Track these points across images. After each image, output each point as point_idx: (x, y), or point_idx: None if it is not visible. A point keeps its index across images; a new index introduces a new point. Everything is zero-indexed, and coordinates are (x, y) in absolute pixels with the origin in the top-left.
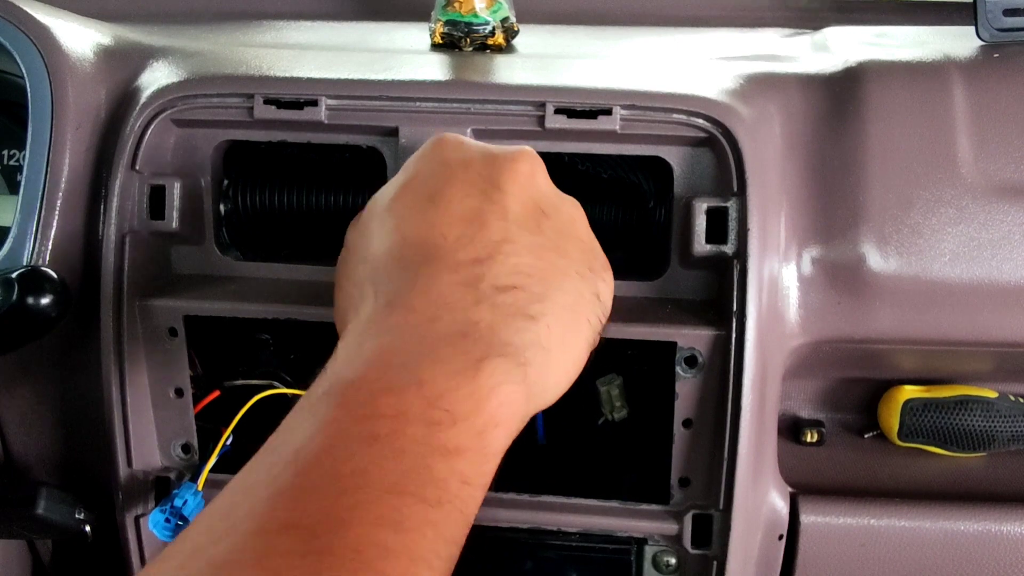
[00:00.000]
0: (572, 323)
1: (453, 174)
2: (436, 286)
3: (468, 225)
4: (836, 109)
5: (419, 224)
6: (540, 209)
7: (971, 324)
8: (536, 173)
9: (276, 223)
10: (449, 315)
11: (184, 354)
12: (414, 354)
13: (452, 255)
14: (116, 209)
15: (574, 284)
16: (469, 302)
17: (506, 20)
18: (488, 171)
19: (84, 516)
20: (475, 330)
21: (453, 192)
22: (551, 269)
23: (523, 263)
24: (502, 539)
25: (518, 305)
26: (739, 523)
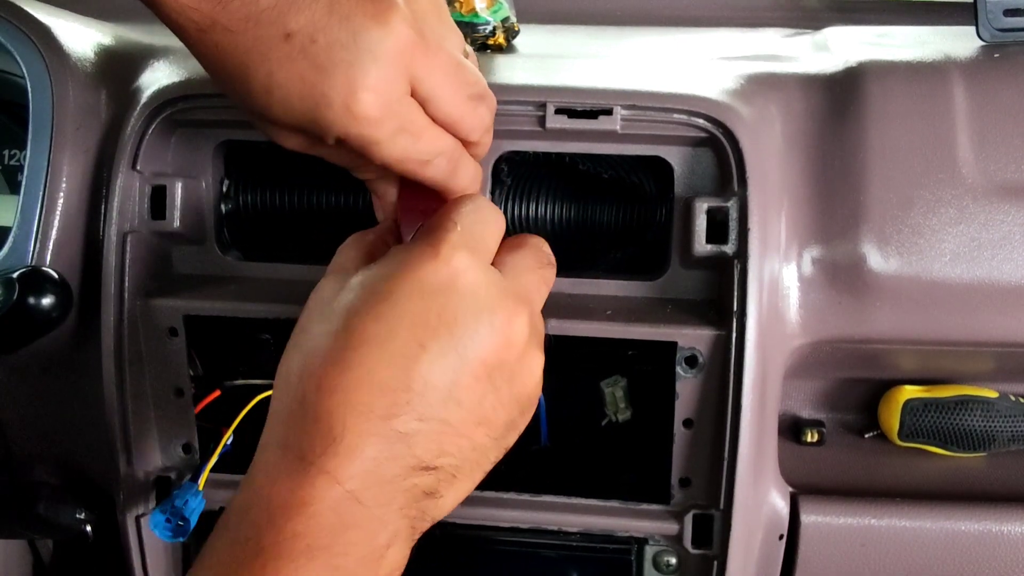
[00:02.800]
0: (470, 483)
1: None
2: (361, 455)
3: (410, 393)
4: (836, 109)
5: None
6: (492, 385)
7: (971, 324)
8: (516, 342)
9: (276, 223)
10: (367, 493)
11: (184, 354)
12: (332, 535)
13: (383, 421)
14: (117, 209)
15: (487, 453)
16: (387, 478)
17: (506, 20)
18: (463, 330)
19: (84, 516)
20: (388, 511)
21: (410, 340)
22: (471, 447)
23: (449, 443)
24: (502, 539)
25: (430, 486)
26: (739, 523)
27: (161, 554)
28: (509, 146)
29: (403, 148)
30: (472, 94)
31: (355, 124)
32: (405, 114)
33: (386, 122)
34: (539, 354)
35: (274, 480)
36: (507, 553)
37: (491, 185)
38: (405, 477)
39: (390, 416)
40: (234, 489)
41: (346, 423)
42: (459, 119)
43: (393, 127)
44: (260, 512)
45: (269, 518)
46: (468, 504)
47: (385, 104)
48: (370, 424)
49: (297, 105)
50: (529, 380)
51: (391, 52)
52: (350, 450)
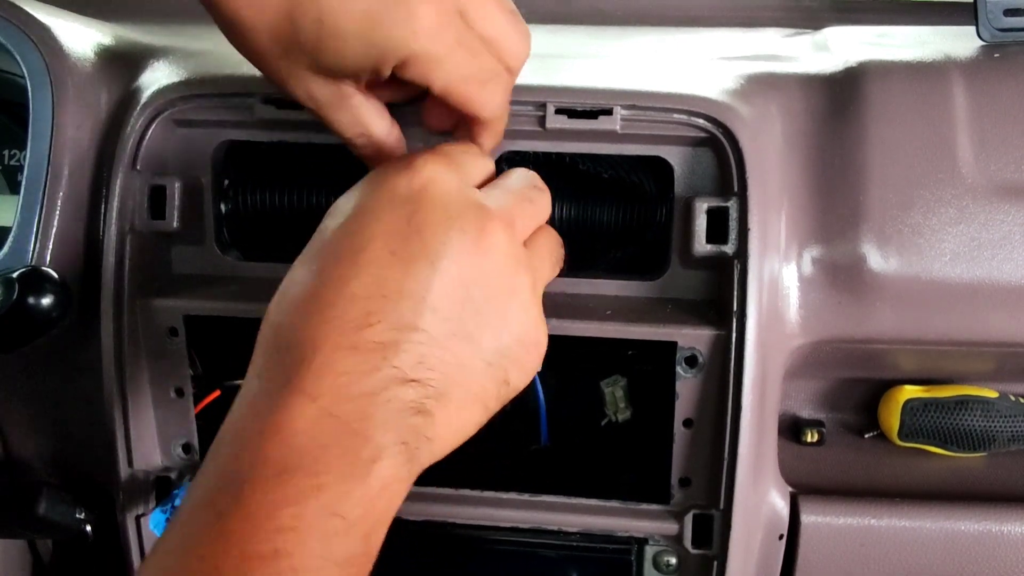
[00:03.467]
0: (465, 416)
1: (392, 226)
2: (333, 369)
3: (382, 300)
4: (836, 109)
5: (334, 279)
6: (469, 295)
7: (971, 324)
8: (492, 253)
9: (276, 223)
10: (343, 407)
11: (184, 354)
12: (310, 454)
13: (356, 332)
14: (117, 209)
15: (478, 377)
16: (365, 392)
17: None
18: (432, 237)
19: (84, 516)
20: (368, 426)
21: (380, 251)
22: (455, 363)
23: (429, 355)
24: (502, 539)
25: (414, 400)
26: (739, 523)
27: None
28: (509, 146)
29: (464, 64)
30: (510, 9)
31: (416, 39)
32: (461, 28)
33: (445, 34)
34: (527, 278)
35: (249, 408)
36: (507, 553)
37: None
38: (384, 389)
39: (363, 326)
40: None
41: (317, 340)
42: (504, 34)
43: (452, 40)
44: (236, 441)
45: (244, 445)
46: (468, 504)
47: (444, 16)
48: (343, 337)
49: (352, 30)
50: (513, 298)
51: None
52: (322, 366)
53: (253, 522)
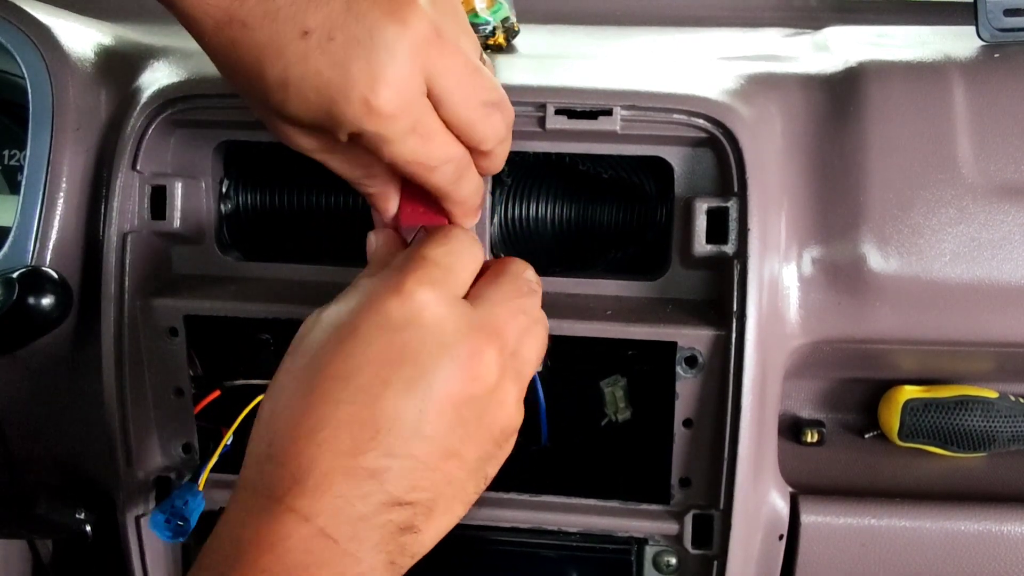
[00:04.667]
0: (450, 517)
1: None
2: (328, 492)
3: (373, 428)
4: (836, 109)
5: (326, 402)
6: (460, 418)
7: (971, 324)
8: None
9: (276, 223)
10: (337, 529)
11: (184, 354)
12: (303, 570)
13: (352, 458)
14: (117, 209)
15: (462, 486)
16: (358, 515)
17: (506, 20)
18: (427, 365)
19: (84, 516)
20: (359, 547)
21: (375, 377)
22: (444, 480)
23: (420, 478)
24: (502, 539)
25: (405, 521)
26: (739, 523)
27: (161, 554)
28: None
29: (412, 150)
30: (487, 100)
31: (370, 119)
32: (419, 114)
33: (400, 119)
34: (513, 387)
35: (244, 519)
36: (507, 553)
37: (491, 185)
38: (378, 513)
39: (357, 453)
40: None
41: (312, 462)
42: (471, 124)
43: (406, 126)
44: (231, 550)
45: (239, 556)
46: None
47: (401, 101)
48: (337, 461)
49: (313, 100)
50: (500, 414)
51: (408, 49)
52: (317, 487)
53: None
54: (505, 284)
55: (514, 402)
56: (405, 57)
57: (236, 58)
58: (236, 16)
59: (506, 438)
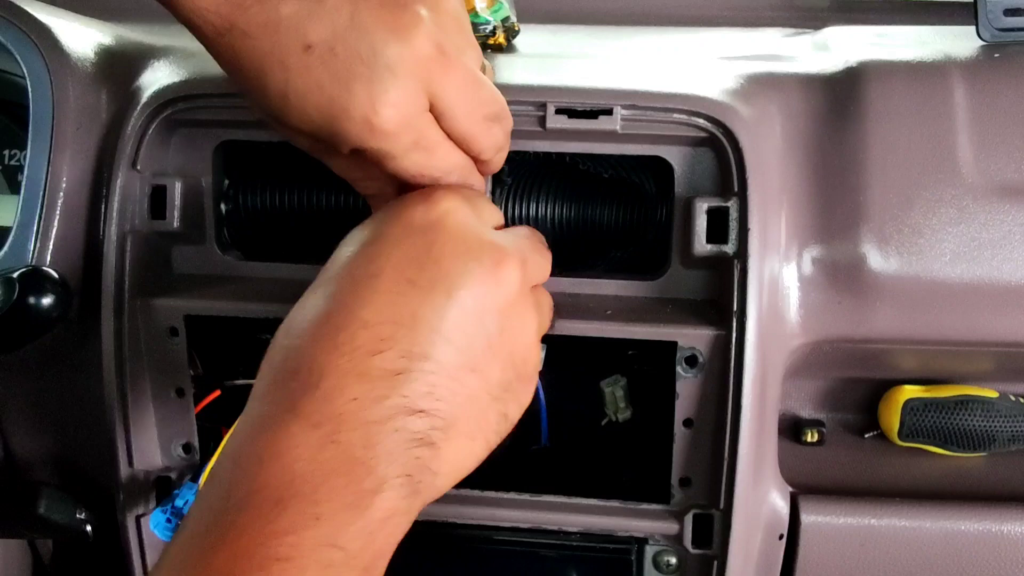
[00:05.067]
0: (468, 448)
1: (408, 254)
2: (340, 395)
3: (395, 327)
4: (837, 109)
5: (347, 305)
6: (482, 327)
7: (971, 324)
8: (505, 287)
9: (277, 223)
10: (348, 435)
11: (185, 354)
12: (311, 482)
13: (367, 358)
14: (117, 209)
15: (483, 410)
16: (372, 420)
17: (507, 20)
18: (449, 267)
19: (85, 516)
20: (372, 455)
21: (397, 278)
22: (464, 395)
23: (439, 385)
24: (502, 539)
25: (421, 431)
26: (739, 523)
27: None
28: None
29: (416, 163)
30: (488, 113)
31: (372, 138)
32: (421, 129)
33: (403, 136)
34: (533, 312)
35: (250, 432)
36: (507, 553)
37: (491, 185)
38: (391, 418)
39: (374, 352)
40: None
41: (326, 365)
42: (473, 137)
43: (409, 141)
44: (234, 466)
45: (242, 471)
46: (468, 504)
47: (403, 119)
48: (353, 363)
49: (314, 114)
50: (521, 337)
51: (411, 67)
52: (329, 392)
53: (248, 552)
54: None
55: (534, 332)
56: (407, 75)
57: (237, 65)
58: (237, 25)
59: (527, 371)
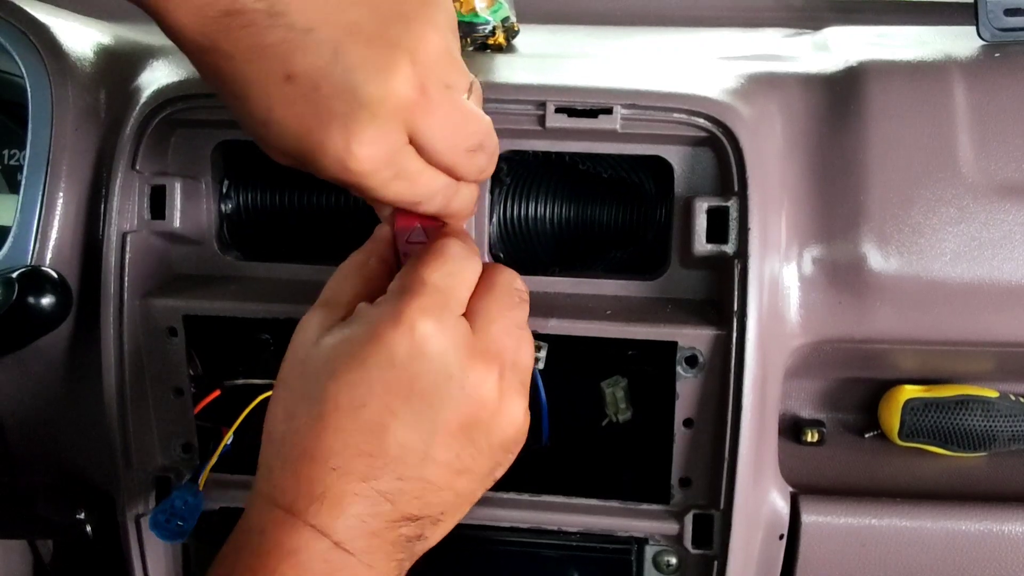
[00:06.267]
0: (458, 517)
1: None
2: (344, 511)
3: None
4: (837, 109)
5: (336, 430)
6: (469, 439)
7: (972, 324)
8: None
9: (276, 223)
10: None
11: (184, 354)
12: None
13: (361, 482)
14: (116, 209)
15: (473, 492)
16: (372, 531)
17: (506, 20)
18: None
19: (84, 516)
20: (375, 559)
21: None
22: (455, 492)
23: (429, 494)
24: (502, 539)
25: (416, 533)
26: (740, 523)
27: (161, 554)
28: (509, 145)
29: (396, 192)
30: (471, 145)
31: (348, 174)
32: (401, 163)
33: (381, 172)
34: (518, 398)
35: (264, 528)
36: (507, 553)
37: (491, 185)
38: (391, 529)
39: (369, 478)
40: (235, 489)
41: (327, 485)
42: (455, 166)
43: (387, 176)
44: (252, 554)
45: (262, 561)
46: None
47: (380, 159)
48: (351, 485)
49: (292, 143)
50: (508, 428)
51: (391, 109)
52: (333, 507)
53: None
54: (500, 297)
55: (521, 412)
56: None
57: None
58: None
59: (517, 444)
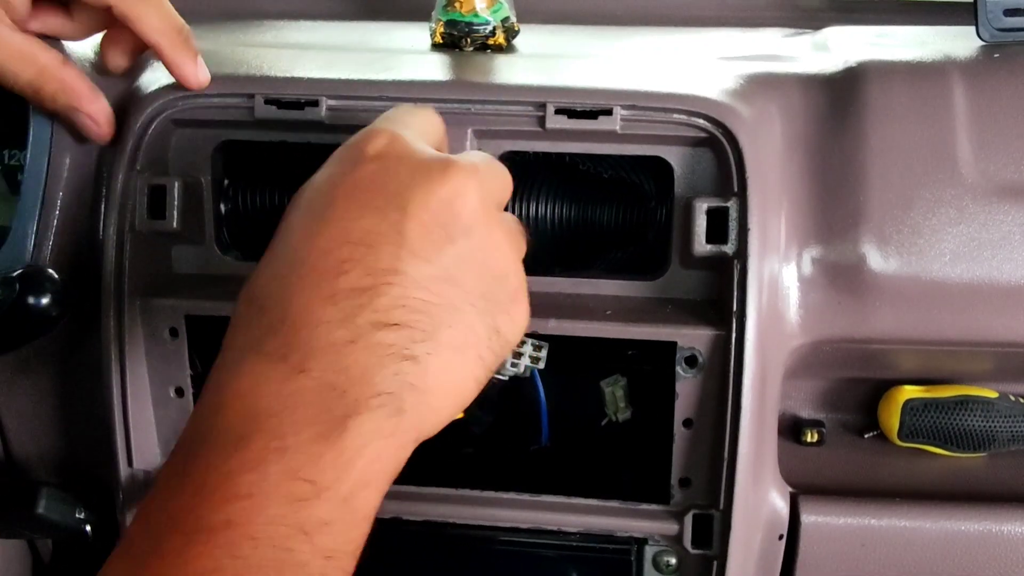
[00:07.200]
0: (459, 362)
1: (360, 185)
2: (306, 324)
3: (355, 247)
4: (836, 109)
5: (305, 239)
6: (446, 234)
7: (971, 324)
8: (461, 195)
9: (276, 223)
10: (318, 363)
11: (185, 354)
12: (276, 416)
13: (331, 281)
14: (117, 209)
15: (466, 320)
16: (342, 341)
17: (507, 20)
18: (399, 186)
19: (84, 516)
20: (344, 379)
21: (349, 205)
22: (442, 305)
23: (410, 297)
24: (502, 539)
25: (398, 345)
26: (739, 523)
27: None
28: (509, 146)
29: None
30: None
31: None
32: None
33: None
34: (498, 225)
35: (215, 378)
36: (507, 553)
37: None
38: (361, 336)
39: (338, 274)
40: None
41: (291, 298)
42: None
43: None
44: (199, 415)
45: (204, 416)
46: (468, 504)
47: None
48: (317, 290)
49: None
50: (493, 248)
51: None
52: (295, 323)
53: (203, 494)
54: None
55: (505, 246)
56: None
57: None
58: None
59: (510, 286)
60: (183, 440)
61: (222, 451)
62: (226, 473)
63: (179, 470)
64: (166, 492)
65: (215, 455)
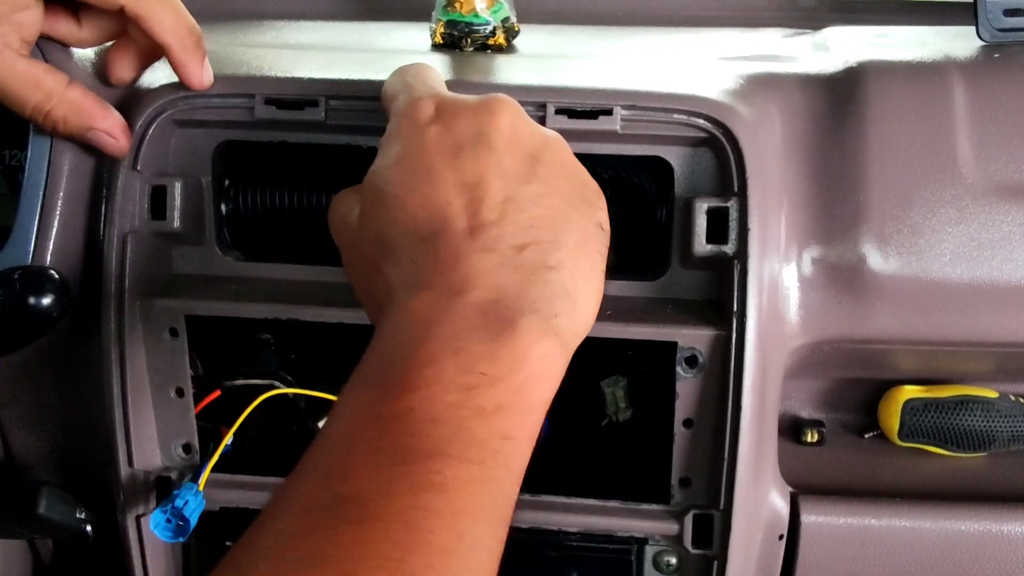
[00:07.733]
0: (586, 260)
1: (440, 142)
2: (458, 258)
3: (471, 191)
4: (836, 109)
5: (423, 199)
6: (530, 156)
7: (971, 324)
8: (517, 121)
9: (277, 223)
10: (476, 284)
11: (185, 354)
12: (448, 325)
13: (464, 223)
14: (117, 209)
15: (578, 222)
16: (492, 266)
17: (507, 20)
18: (472, 132)
19: (85, 516)
20: (504, 294)
21: (445, 161)
22: (556, 215)
23: (531, 217)
24: None
25: (538, 259)
26: (739, 523)
27: (161, 554)
28: None
29: None
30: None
31: None
32: None
33: None
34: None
35: (386, 315)
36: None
37: None
38: (508, 259)
39: (472, 213)
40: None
41: (436, 245)
42: None
43: None
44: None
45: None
46: None
47: None
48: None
49: None
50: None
51: None
52: (447, 262)
53: (383, 388)
54: None
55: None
56: None
57: None
58: None
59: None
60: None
61: (400, 355)
62: (404, 370)
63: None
64: (349, 395)
65: (395, 359)
